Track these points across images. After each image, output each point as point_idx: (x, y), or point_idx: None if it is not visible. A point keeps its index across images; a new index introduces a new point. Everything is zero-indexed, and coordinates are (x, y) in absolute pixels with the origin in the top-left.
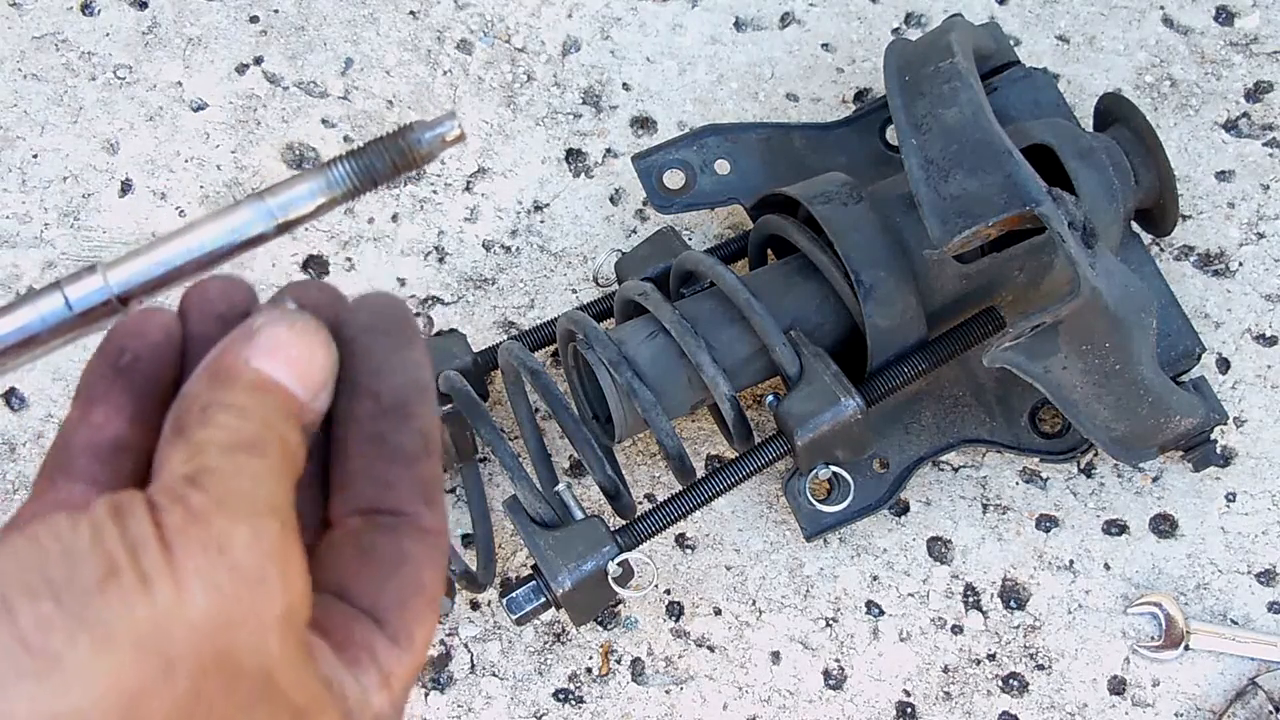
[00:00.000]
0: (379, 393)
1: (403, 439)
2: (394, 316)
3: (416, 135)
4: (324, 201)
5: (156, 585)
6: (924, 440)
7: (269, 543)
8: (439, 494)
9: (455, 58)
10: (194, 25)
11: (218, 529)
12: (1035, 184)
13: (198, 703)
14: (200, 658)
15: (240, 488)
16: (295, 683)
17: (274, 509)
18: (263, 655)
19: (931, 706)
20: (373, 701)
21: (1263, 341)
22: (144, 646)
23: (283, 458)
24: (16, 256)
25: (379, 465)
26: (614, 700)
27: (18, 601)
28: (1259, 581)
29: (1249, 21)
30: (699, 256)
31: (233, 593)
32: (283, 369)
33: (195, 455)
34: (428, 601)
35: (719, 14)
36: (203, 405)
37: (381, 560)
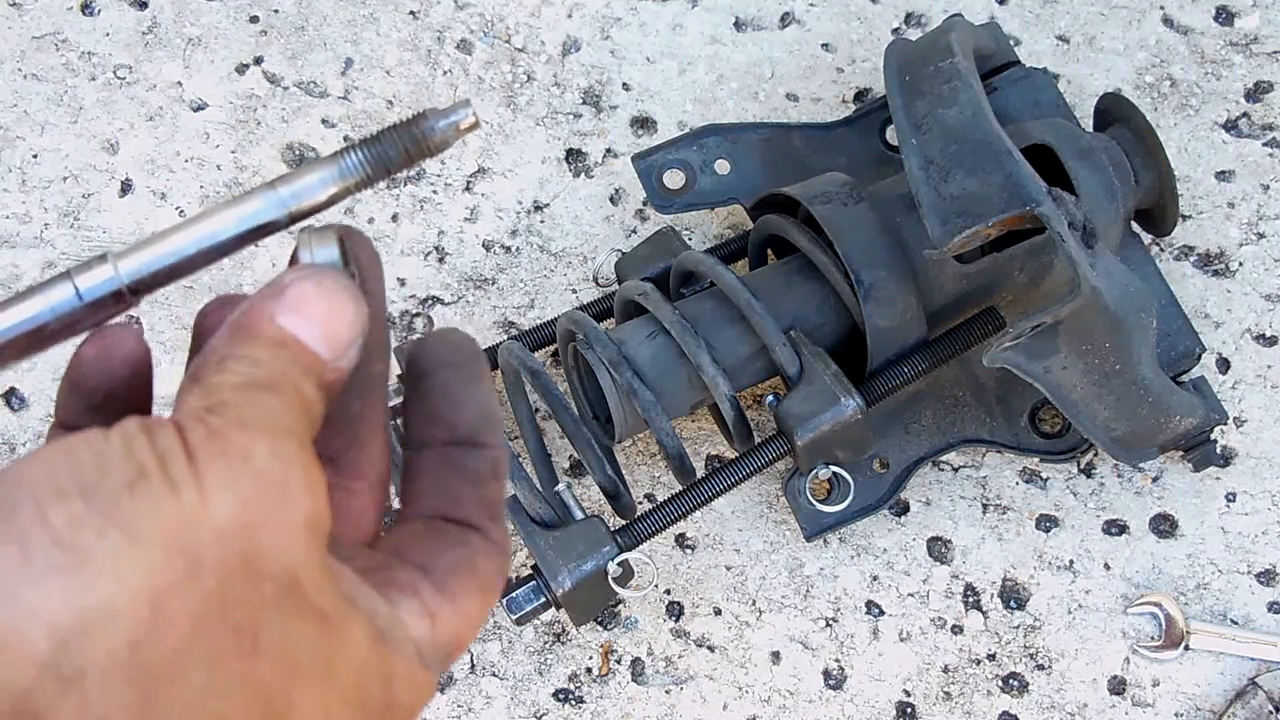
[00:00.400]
0: (454, 424)
1: (472, 462)
2: (467, 353)
3: (430, 123)
4: (336, 190)
5: (183, 490)
6: (924, 440)
7: (289, 456)
8: (503, 514)
9: (455, 58)
10: (194, 25)
11: (239, 442)
12: (1035, 184)
13: (224, 602)
14: (226, 559)
15: (256, 414)
16: (319, 588)
17: (291, 432)
18: (287, 559)
19: (931, 706)
20: (410, 626)
21: (1263, 341)
22: (171, 546)
23: (298, 403)
24: (16, 256)
25: (448, 482)
26: (614, 700)
27: (49, 502)
28: (1259, 581)
29: (1249, 21)
30: (699, 256)
31: (255, 499)
32: (305, 326)
33: (210, 394)
34: (480, 583)
35: (719, 14)
36: (220, 357)
37: (439, 539)
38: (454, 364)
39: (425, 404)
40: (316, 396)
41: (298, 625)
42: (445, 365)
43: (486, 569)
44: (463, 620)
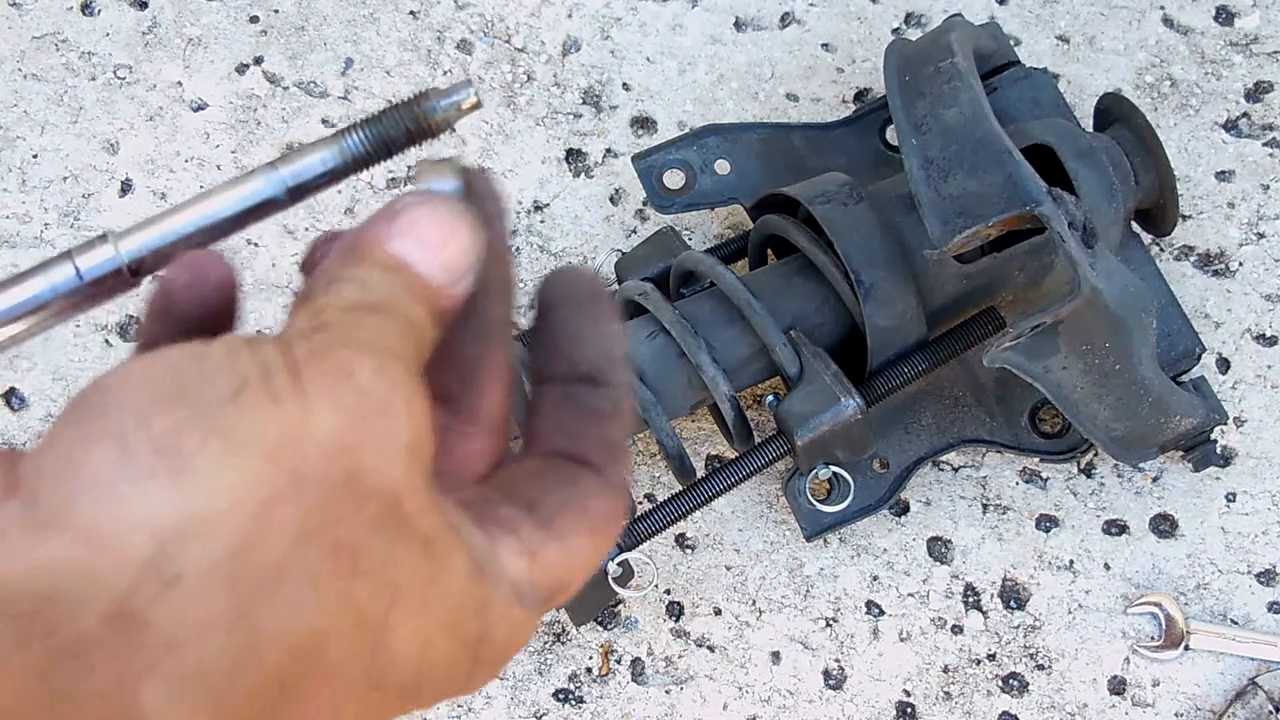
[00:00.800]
0: (575, 360)
1: (594, 399)
2: (592, 290)
3: (432, 103)
4: (337, 168)
5: (286, 403)
6: (924, 440)
7: (393, 377)
8: (623, 456)
9: (455, 58)
10: (194, 25)
11: (344, 358)
12: (1035, 184)
13: (325, 518)
14: (328, 474)
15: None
16: (422, 513)
17: (398, 353)
18: (389, 480)
19: (931, 706)
20: (506, 563)
21: (1263, 341)
22: (274, 457)
23: (406, 326)
24: (16, 256)
25: (569, 418)
26: (614, 700)
27: (148, 407)
28: (1259, 581)
29: (1249, 21)
30: (699, 256)
31: (359, 416)
32: (417, 251)
33: (317, 315)
34: (590, 524)
35: (719, 14)
36: (329, 279)
37: (551, 477)
38: (576, 300)
39: (547, 339)
40: (427, 322)
41: (399, 548)
42: (567, 302)
43: (599, 509)
44: (567, 560)
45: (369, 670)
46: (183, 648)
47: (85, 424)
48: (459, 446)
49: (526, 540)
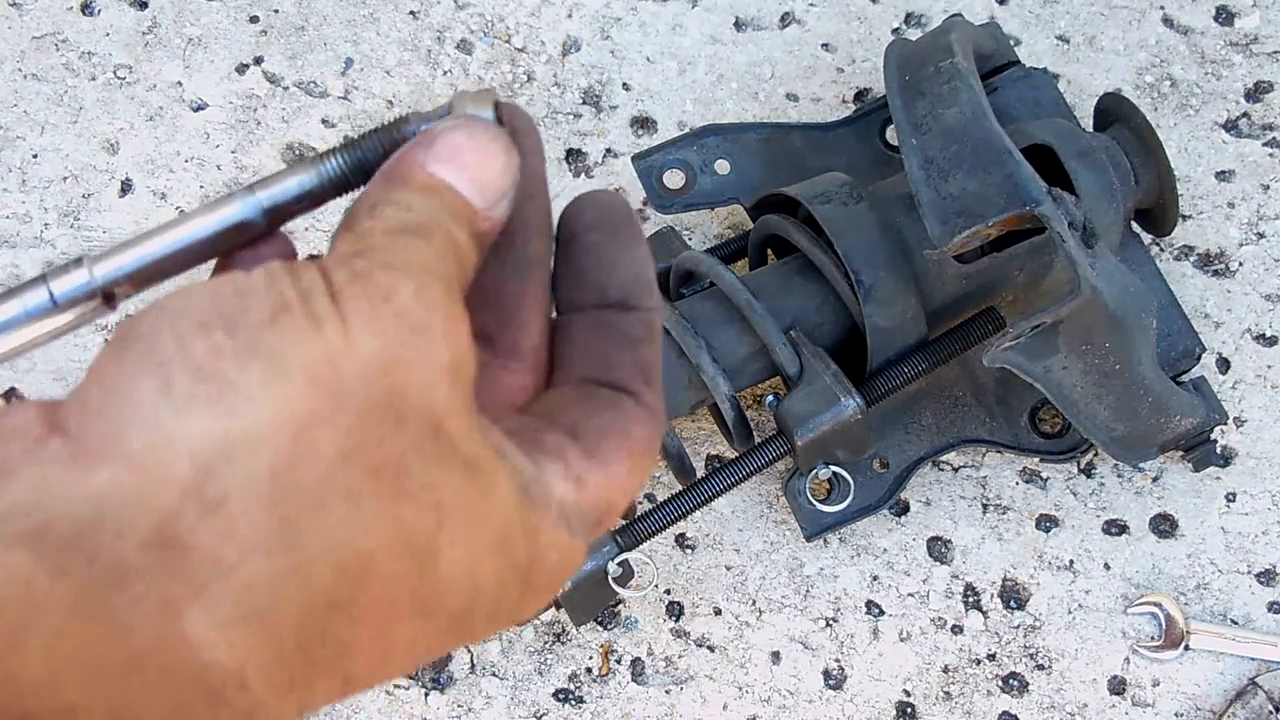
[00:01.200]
0: (605, 286)
1: (626, 324)
2: (620, 214)
3: (412, 128)
4: (314, 193)
5: (326, 326)
6: (924, 440)
7: (434, 298)
8: (659, 378)
9: (455, 58)
10: (194, 25)
11: (383, 282)
12: (1035, 184)
13: (366, 439)
14: (369, 395)
15: (403, 256)
16: (465, 434)
17: (439, 275)
18: (430, 402)
19: (931, 706)
20: (554, 487)
21: (1263, 341)
22: (314, 378)
23: (448, 248)
24: (16, 256)
25: (602, 344)
26: (614, 700)
27: (190, 333)
28: (1259, 581)
29: (1249, 21)
30: (699, 256)
31: (398, 337)
32: (456, 174)
33: (360, 239)
34: (632, 448)
35: (719, 14)
36: (372, 204)
37: (591, 402)
38: (604, 226)
39: (574, 267)
40: (469, 244)
41: (442, 469)
42: (595, 227)
43: (640, 433)
44: (613, 485)
45: (418, 593)
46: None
47: (128, 356)
48: (501, 382)
49: (573, 466)
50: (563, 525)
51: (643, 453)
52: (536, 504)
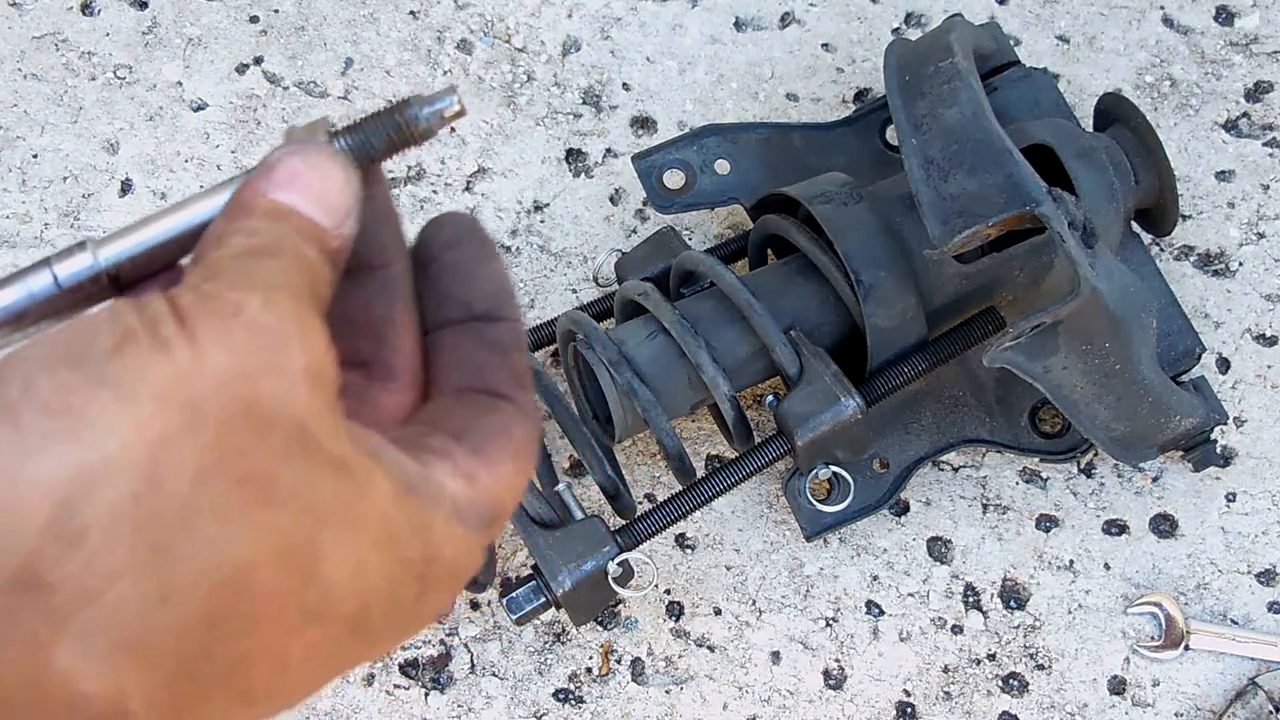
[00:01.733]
0: (469, 301)
1: (494, 334)
2: (472, 232)
3: (414, 110)
4: None
5: (174, 347)
6: (924, 440)
7: (283, 308)
8: (530, 383)
9: (455, 58)
10: (194, 25)
11: (230, 298)
12: (1035, 184)
13: (228, 451)
14: (225, 408)
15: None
16: (332, 436)
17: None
18: (290, 408)
19: (931, 706)
20: (445, 484)
21: (1263, 341)
22: (165, 399)
23: (298, 264)
24: (16, 256)
25: (473, 355)
26: (614, 700)
27: (35, 373)
28: (1259, 581)
29: (1249, 21)
30: (699, 256)
31: (251, 348)
32: (298, 196)
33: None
34: (515, 449)
35: (719, 14)
36: (218, 235)
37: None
38: (460, 242)
39: (438, 285)
40: (320, 260)
41: (313, 472)
42: (452, 245)
43: (520, 434)
44: (501, 484)
45: (304, 600)
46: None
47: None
48: (380, 402)
49: (461, 464)
50: (456, 520)
51: (525, 453)
52: (425, 500)
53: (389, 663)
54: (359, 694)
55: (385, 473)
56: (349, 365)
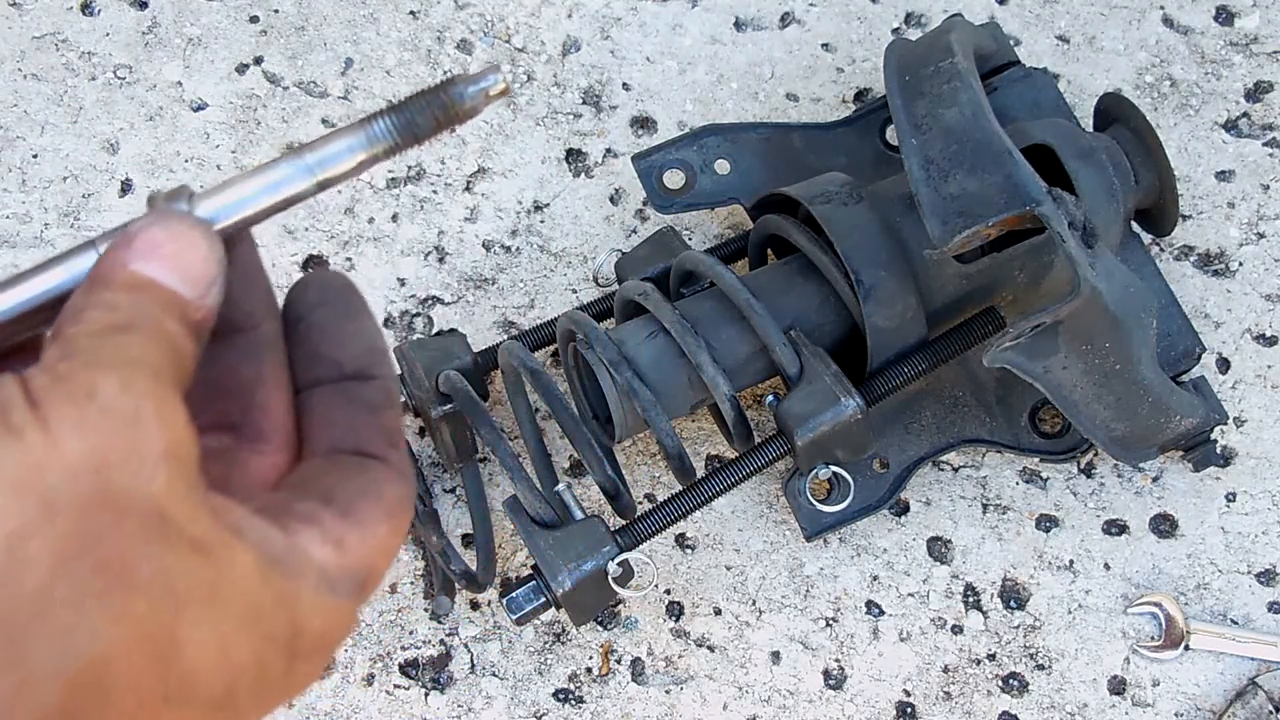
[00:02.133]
0: (340, 360)
1: (365, 393)
2: (342, 290)
3: (459, 89)
4: (364, 158)
5: (26, 434)
6: (924, 440)
7: (141, 388)
8: (402, 442)
9: (455, 58)
10: (194, 25)
11: (85, 380)
12: (1035, 184)
13: (86, 539)
14: (81, 497)
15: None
16: (191, 518)
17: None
18: (148, 492)
19: (931, 706)
20: (312, 552)
21: (1263, 341)
22: (19, 489)
23: (158, 339)
24: (16, 256)
25: (344, 415)
26: (614, 700)
27: None
28: (1259, 581)
29: (1249, 21)
30: (699, 256)
31: (106, 433)
32: (159, 267)
33: (65, 345)
34: (387, 509)
35: (719, 14)
36: (77, 310)
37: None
38: (330, 302)
39: (308, 345)
40: (182, 334)
41: (171, 557)
42: (322, 304)
43: (392, 494)
44: (372, 547)
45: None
46: None
47: None
48: (249, 465)
49: (330, 530)
50: (324, 589)
51: (398, 512)
52: (290, 572)
53: (389, 663)
54: (359, 694)
55: (247, 548)
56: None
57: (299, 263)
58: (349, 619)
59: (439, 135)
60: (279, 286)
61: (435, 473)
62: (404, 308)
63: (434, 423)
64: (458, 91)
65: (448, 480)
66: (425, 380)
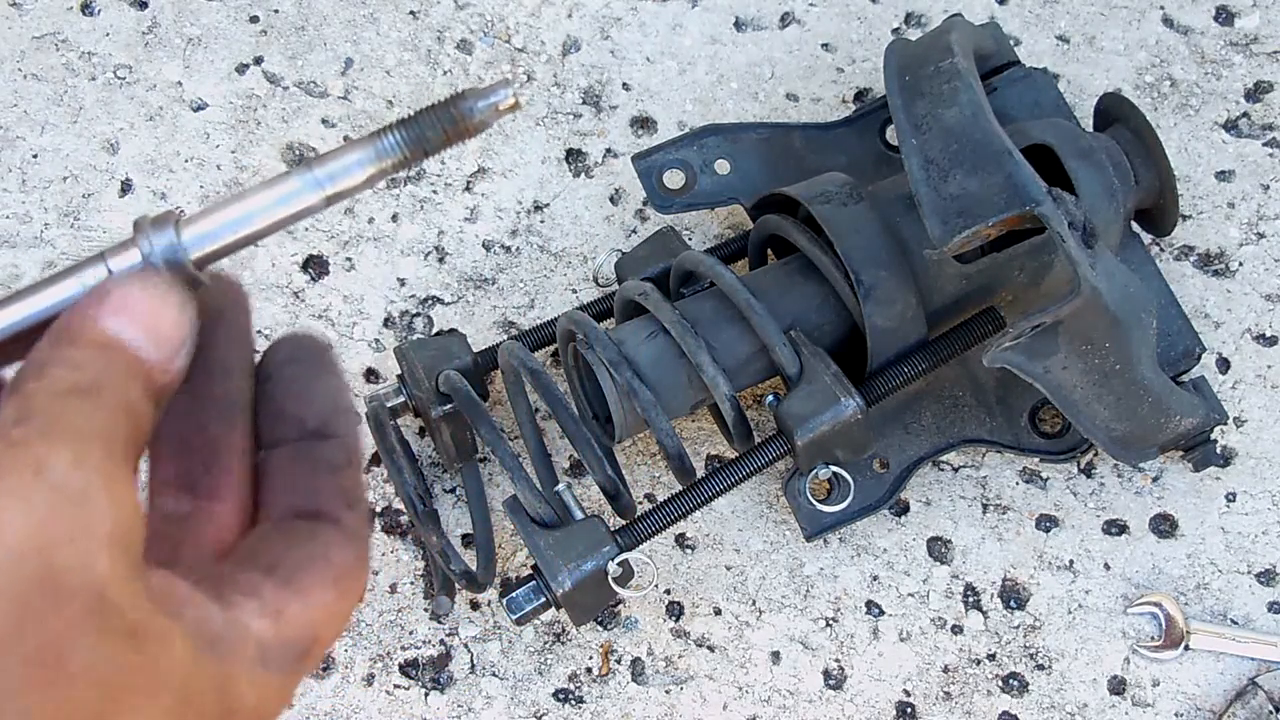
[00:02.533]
0: (303, 417)
1: (325, 452)
2: (312, 349)
3: (469, 103)
4: (374, 172)
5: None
6: (924, 440)
7: (93, 464)
8: (361, 501)
9: (455, 58)
10: (194, 25)
11: (36, 453)
12: (1035, 184)
13: (23, 625)
14: (22, 579)
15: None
16: (131, 603)
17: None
18: (90, 576)
19: (931, 706)
20: (250, 626)
21: (1263, 341)
22: None
23: (118, 407)
24: (16, 256)
25: (303, 475)
26: (614, 700)
27: None
28: (1259, 581)
29: (1249, 21)
30: (699, 256)
31: (53, 512)
32: (130, 328)
33: (23, 403)
34: (335, 574)
35: (719, 14)
36: (41, 364)
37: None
38: (298, 360)
39: (273, 404)
40: (144, 401)
41: (106, 644)
42: (290, 362)
43: (342, 558)
44: (315, 614)
45: None
46: None
47: None
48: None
49: (269, 601)
50: (258, 664)
51: (346, 577)
52: (224, 652)
53: (389, 663)
54: (359, 694)
55: (183, 633)
56: (177, 487)
57: (299, 263)
58: (287, 693)
59: (448, 149)
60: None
61: (435, 473)
62: (404, 308)
63: (434, 423)
64: (467, 106)
65: (448, 480)
66: (425, 380)
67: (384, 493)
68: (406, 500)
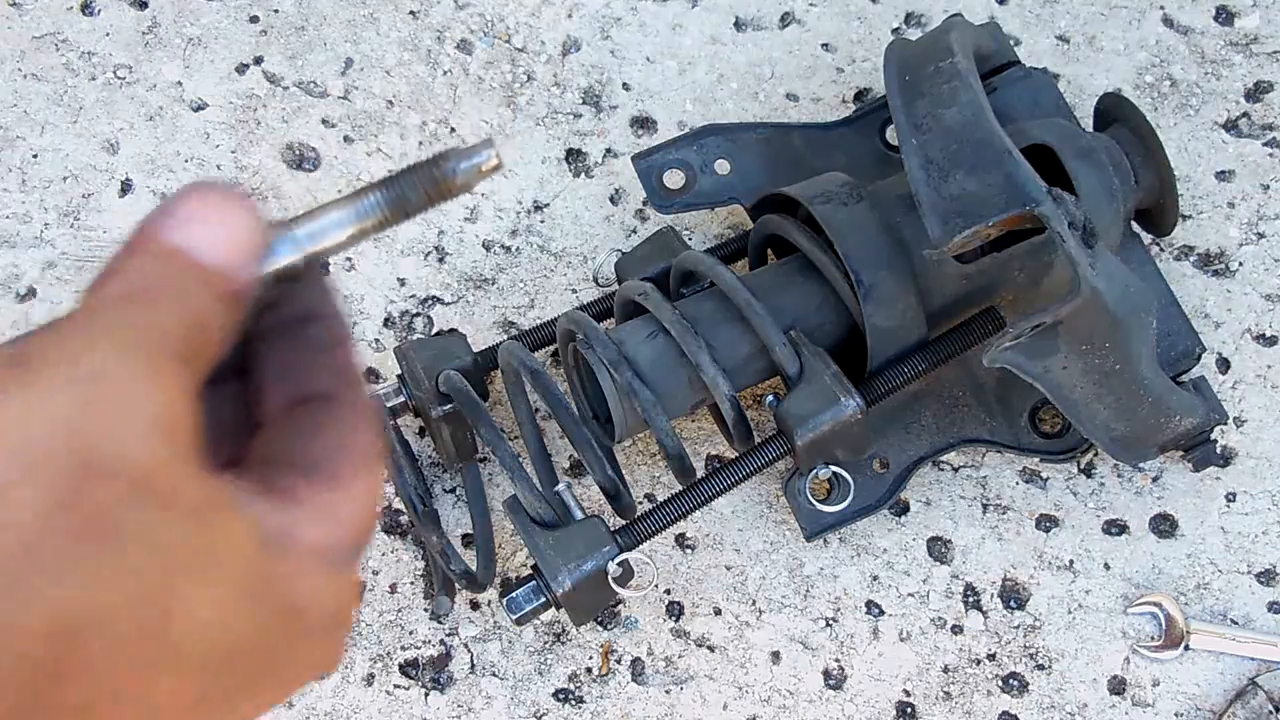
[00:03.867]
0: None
1: (314, 332)
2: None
3: (451, 165)
4: (354, 232)
5: (10, 390)
6: (924, 440)
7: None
8: (358, 378)
9: (455, 58)
10: (194, 25)
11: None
12: (1035, 184)
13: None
14: (66, 455)
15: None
16: (184, 485)
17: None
18: (135, 457)
19: (931, 706)
20: (304, 532)
21: (1263, 341)
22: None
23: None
24: (16, 256)
25: (294, 358)
26: (614, 700)
27: None
28: (1259, 581)
29: (1249, 21)
30: (699, 256)
31: (92, 396)
32: (196, 238)
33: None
34: (360, 459)
35: (719, 14)
36: (105, 273)
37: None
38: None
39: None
40: (209, 305)
41: (164, 520)
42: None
43: (362, 440)
44: (359, 503)
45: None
46: None
47: None
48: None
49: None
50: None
51: (370, 455)
52: (287, 554)
53: (389, 662)
54: (359, 694)
55: (245, 523)
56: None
57: None
58: (350, 588)
59: (430, 209)
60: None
61: (435, 473)
62: (404, 308)
63: (434, 423)
64: (450, 167)
65: (448, 480)
66: (425, 380)
67: (384, 493)
68: (406, 500)
